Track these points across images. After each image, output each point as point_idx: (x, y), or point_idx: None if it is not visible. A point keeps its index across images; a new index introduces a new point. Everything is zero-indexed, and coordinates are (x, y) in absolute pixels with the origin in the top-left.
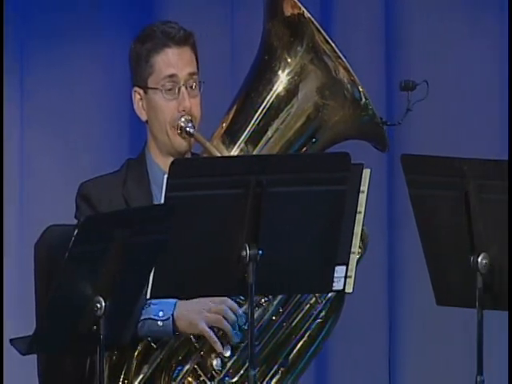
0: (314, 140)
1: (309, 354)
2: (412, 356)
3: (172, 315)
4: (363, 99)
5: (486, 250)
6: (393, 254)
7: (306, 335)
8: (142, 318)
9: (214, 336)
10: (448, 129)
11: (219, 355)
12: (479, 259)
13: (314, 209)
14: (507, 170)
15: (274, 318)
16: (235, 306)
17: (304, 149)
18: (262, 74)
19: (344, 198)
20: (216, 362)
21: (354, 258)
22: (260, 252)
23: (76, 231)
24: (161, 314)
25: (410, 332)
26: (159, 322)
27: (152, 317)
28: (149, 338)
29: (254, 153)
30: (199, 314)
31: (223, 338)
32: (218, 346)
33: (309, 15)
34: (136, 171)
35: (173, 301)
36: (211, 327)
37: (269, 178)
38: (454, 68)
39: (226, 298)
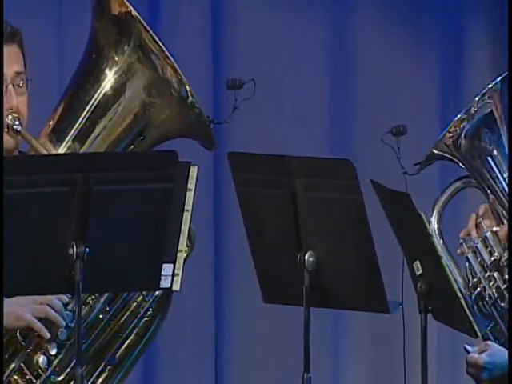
0: (142, 137)
1: (136, 352)
2: (239, 354)
3: None
4: (190, 98)
5: (312, 248)
6: (220, 252)
7: (134, 333)
8: None
9: (39, 324)
10: (275, 127)
11: (45, 353)
12: (306, 257)
13: (141, 207)
14: (332, 168)
15: (101, 316)
16: (61, 302)
17: (132, 146)
18: (89, 73)
19: (171, 195)
20: (42, 360)
21: (181, 256)
22: (87, 250)
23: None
24: None
25: (237, 330)
26: None
27: None
28: None
29: (82, 151)
30: (25, 306)
31: (50, 332)
32: (45, 332)
33: (136, 14)
34: None
35: None
36: (39, 319)
37: (96, 176)
38: (281, 66)
39: (52, 296)
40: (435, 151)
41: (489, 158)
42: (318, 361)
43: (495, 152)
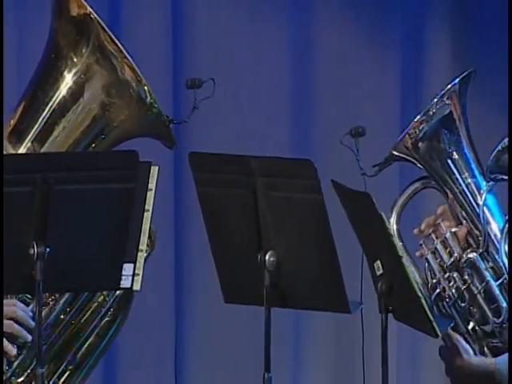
0: (103, 136)
1: (97, 352)
2: (199, 354)
3: None
4: (148, 98)
5: (273, 247)
6: (180, 251)
7: (95, 333)
8: None
9: (6, 342)
10: (235, 127)
11: (5, 355)
12: (267, 257)
13: (101, 206)
14: (293, 168)
15: (62, 316)
16: (24, 312)
17: (93, 145)
18: (48, 73)
19: (132, 195)
20: None
21: (141, 255)
22: (48, 250)
23: None
24: None
25: (198, 330)
26: None
27: None
28: None
29: (41, 152)
30: None
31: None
32: (10, 349)
33: (95, 15)
34: None
35: None
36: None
37: (55, 176)
38: (241, 66)
39: (14, 300)
40: (394, 153)
41: (448, 160)
42: (279, 361)
43: (454, 153)
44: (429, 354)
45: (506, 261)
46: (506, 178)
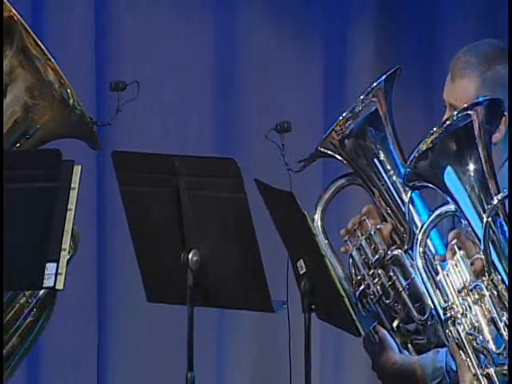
0: (27, 137)
1: (20, 352)
2: (122, 354)
3: None
4: (71, 100)
5: (196, 246)
6: (103, 251)
7: (17, 334)
8: None
9: None
10: (159, 128)
11: None
12: (190, 256)
13: (24, 205)
14: (216, 167)
15: None
16: None
17: (18, 145)
18: None
19: (55, 194)
20: None
21: (64, 255)
22: None
23: None
24: None
25: (121, 330)
26: None
27: None
28: None
29: None
30: None
31: None
32: None
33: (18, 17)
34: None
35: None
36: None
37: None
38: (164, 68)
39: None
40: (320, 149)
41: (374, 157)
42: (202, 360)
43: (380, 151)
44: (353, 353)
45: (419, 263)
46: (426, 184)
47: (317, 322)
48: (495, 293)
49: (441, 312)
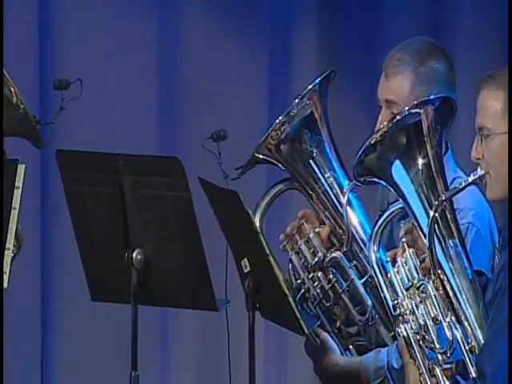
0: None
1: None
2: (66, 353)
3: None
4: (14, 98)
5: (140, 245)
6: (46, 250)
7: None
8: None
9: None
10: (103, 127)
11: None
12: (134, 255)
13: None
14: (161, 166)
15: None
16: None
17: None
18: None
19: None
20: None
21: (8, 254)
22: None
23: None
24: None
25: (64, 329)
26: None
27: None
28: None
29: None
30: None
31: None
32: None
33: None
34: None
35: None
36: None
37: None
38: (109, 66)
39: None
40: (257, 155)
41: (310, 160)
42: (146, 359)
43: (316, 154)
44: (296, 352)
45: (373, 258)
46: (375, 179)
47: (260, 320)
48: (440, 291)
49: (392, 309)
